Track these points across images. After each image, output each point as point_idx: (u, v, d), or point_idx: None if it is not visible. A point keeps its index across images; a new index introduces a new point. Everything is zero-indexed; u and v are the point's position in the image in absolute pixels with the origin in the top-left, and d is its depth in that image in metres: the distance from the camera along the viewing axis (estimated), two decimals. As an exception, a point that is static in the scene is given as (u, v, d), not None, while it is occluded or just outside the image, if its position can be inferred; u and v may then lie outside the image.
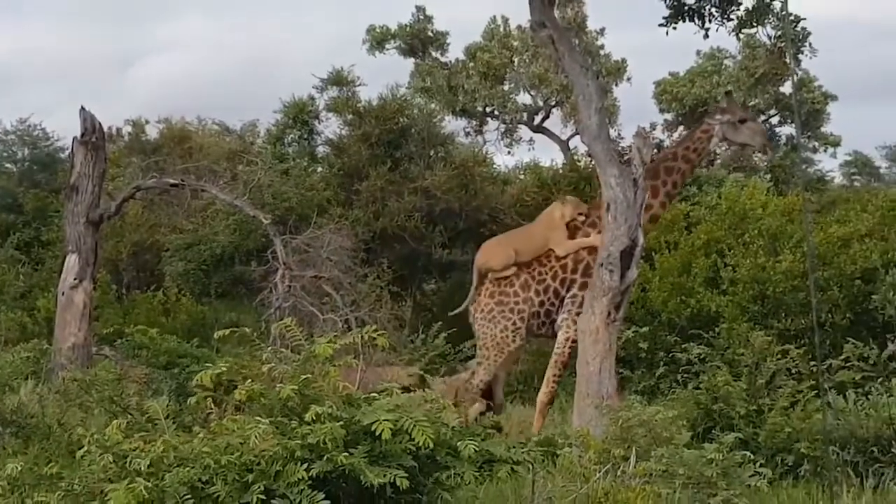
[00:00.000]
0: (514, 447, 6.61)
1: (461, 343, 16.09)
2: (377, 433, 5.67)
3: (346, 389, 6.39)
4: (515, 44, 27.54)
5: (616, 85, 27.96)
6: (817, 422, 11.72)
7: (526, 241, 11.73)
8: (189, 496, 5.43)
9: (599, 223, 11.22)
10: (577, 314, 10.95)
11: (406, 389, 7.20)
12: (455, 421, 9.56)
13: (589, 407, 10.51)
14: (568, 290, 11.44)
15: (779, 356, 13.08)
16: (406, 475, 5.65)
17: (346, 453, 5.58)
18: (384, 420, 5.69)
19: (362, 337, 6.58)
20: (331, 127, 23.17)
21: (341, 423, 5.70)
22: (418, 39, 27.00)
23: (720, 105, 11.71)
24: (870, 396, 12.14)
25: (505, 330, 11.46)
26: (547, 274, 11.51)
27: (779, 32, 12.77)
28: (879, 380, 12.74)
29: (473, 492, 6.74)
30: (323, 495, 5.47)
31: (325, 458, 5.55)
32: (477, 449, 6.02)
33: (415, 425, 5.73)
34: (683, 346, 13.27)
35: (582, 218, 11.65)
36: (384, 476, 5.58)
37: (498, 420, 11.35)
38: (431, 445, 5.75)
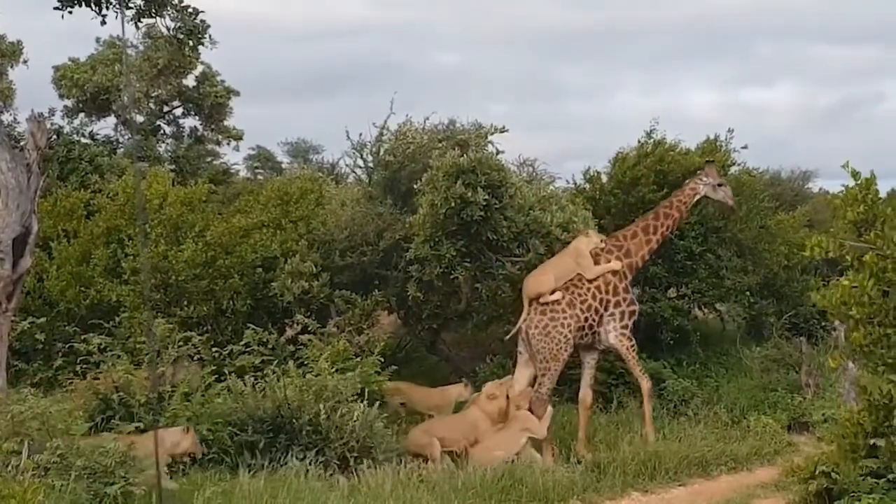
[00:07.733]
0: None
1: None
2: None
3: None
4: None
5: (12, 67, 26.48)
6: (217, 405, 12.14)
7: (561, 269, 13.74)
8: None
9: (615, 251, 13.93)
10: (623, 326, 13.78)
11: None
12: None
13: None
14: (606, 309, 13.81)
15: (181, 343, 13.33)
16: None
17: None
18: None
19: None
20: None
21: None
22: None
23: (706, 170, 14.59)
24: (267, 379, 12.78)
25: (559, 343, 13.44)
26: (587, 294, 13.74)
27: (178, 24, 13.00)
28: (276, 362, 13.43)
29: None
30: None
31: None
32: None
33: None
34: (83, 336, 13.03)
35: (602, 246, 13.90)
36: None
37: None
38: None
